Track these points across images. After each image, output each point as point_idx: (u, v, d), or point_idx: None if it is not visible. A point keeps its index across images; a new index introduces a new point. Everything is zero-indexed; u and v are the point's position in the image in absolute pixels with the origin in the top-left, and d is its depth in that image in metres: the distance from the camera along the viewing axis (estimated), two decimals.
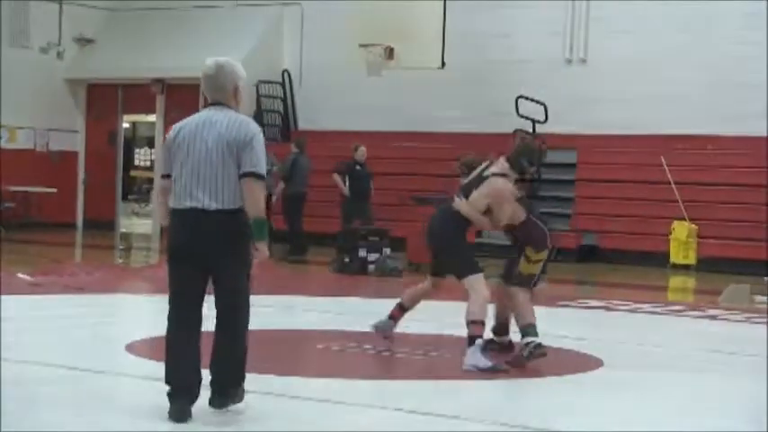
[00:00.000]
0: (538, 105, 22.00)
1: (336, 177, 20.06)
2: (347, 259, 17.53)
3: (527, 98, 22.07)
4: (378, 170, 23.97)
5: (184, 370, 6.79)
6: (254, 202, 6.65)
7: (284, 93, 26.37)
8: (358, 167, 20.05)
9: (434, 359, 9.50)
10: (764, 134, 21.39)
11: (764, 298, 15.09)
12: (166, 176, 6.88)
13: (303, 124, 26.33)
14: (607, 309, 13.98)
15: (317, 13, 25.71)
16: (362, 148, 20.28)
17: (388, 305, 10.18)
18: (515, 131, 22.05)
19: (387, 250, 17.59)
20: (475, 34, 23.99)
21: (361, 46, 22.51)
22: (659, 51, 22.57)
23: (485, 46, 24.15)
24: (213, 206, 6.66)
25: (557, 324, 12.03)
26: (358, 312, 12.49)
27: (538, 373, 8.91)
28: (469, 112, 24.27)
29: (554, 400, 8.10)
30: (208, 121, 6.80)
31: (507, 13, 24.16)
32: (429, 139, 24.58)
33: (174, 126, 6.97)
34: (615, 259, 20.74)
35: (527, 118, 21.96)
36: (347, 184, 19.85)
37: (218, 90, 6.92)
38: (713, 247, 20.18)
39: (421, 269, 18.02)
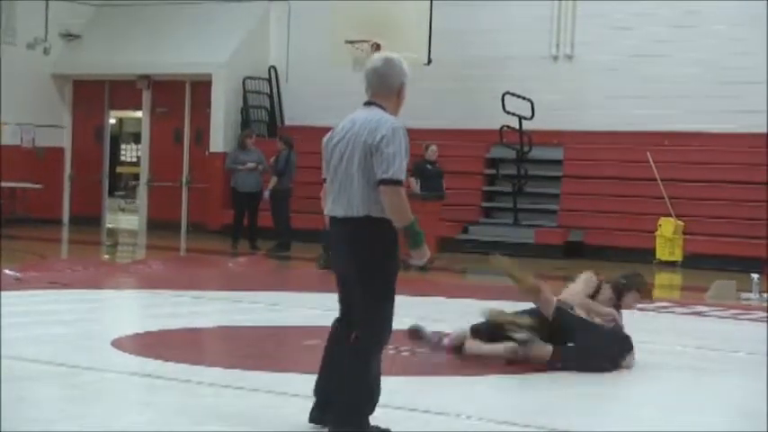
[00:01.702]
0: (524, 102, 22.02)
1: (410, 179, 19.79)
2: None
3: (514, 94, 22.10)
4: None
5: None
6: (392, 210, 6.22)
7: (271, 89, 26.35)
8: (429, 166, 19.82)
9: (422, 355, 9.50)
10: (751, 131, 21.45)
11: (751, 294, 15.14)
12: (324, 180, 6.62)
13: (290, 120, 26.32)
14: None
15: (304, 9, 25.69)
16: (433, 147, 20.03)
17: None
18: (502, 127, 22.11)
19: None
20: (462, 30, 24.00)
21: (348, 42, 22.51)
22: (646, 48, 22.60)
23: (471, 42, 24.16)
24: (341, 214, 6.36)
25: None
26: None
27: (523, 370, 8.92)
28: (456, 108, 24.28)
29: (539, 397, 8.12)
30: (349, 124, 6.47)
31: (494, 9, 24.16)
32: (415, 135, 24.53)
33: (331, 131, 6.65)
34: (601, 255, 20.77)
35: (514, 114, 21.99)
36: (418, 184, 19.61)
37: (382, 86, 6.51)
38: (699, 244, 20.23)
39: (408, 266, 18.07)
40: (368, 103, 6.52)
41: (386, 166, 6.18)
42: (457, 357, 9.25)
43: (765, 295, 15.20)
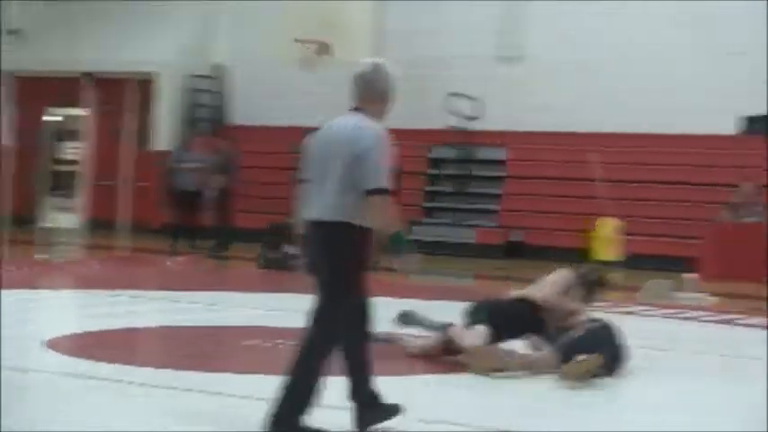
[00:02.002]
0: (469, 102, 22.13)
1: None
2: (273, 255, 17.50)
3: (458, 95, 22.20)
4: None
5: None
6: (379, 218, 6.29)
7: (216, 87, 26.30)
8: None
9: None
10: (688, 132, 21.71)
11: (685, 294, 15.32)
12: (302, 181, 6.64)
13: (236, 119, 26.28)
14: None
15: (251, 7, 25.64)
16: None
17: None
18: (447, 128, 22.21)
19: None
20: (409, 30, 24.05)
21: (296, 41, 22.50)
22: (588, 50, 22.78)
23: (418, 42, 24.21)
24: (316, 217, 6.41)
25: None
26: (285, 308, 12.52)
27: (459, 369, 8.97)
28: (402, 107, 24.06)
29: (474, 397, 8.18)
30: (332, 129, 6.50)
31: (441, 9, 24.26)
32: None
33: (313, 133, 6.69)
34: (541, 256, 20.91)
35: (459, 114, 22.09)
36: None
37: (368, 92, 6.57)
38: (638, 244, 20.39)
39: None
40: (353, 109, 6.55)
41: (372, 176, 6.25)
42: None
43: (698, 295, 15.40)
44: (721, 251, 19.13)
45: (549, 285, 9.54)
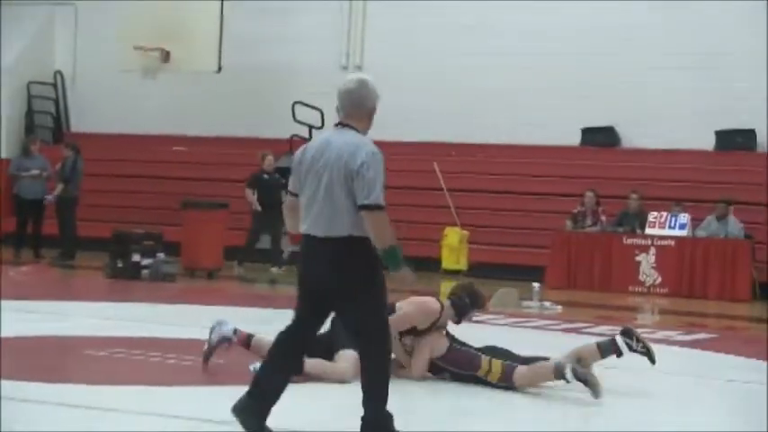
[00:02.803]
0: (315, 111, 22.10)
1: (247, 191, 19.56)
2: (120, 264, 17.20)
3: (304, 104, 22.15)
4: (154, 174, 23.75)
5: None
6: (374, 234, 6.44)
7: (57, 94, 25.77)
8: (266, 176, 19.60)
9: (209, 365, 9.40)
10: (535, 143, 22.07)
11: (531, 302, 15.52)
12: (294, 194, 6.69)
13: (77, 127, 25.79)
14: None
15: (91, 14, 25.23)
16: (270, 157, 19.83)
17: (162, 310, 10.05)
18: (292, 137, 22.13)
19: (161, 255, 17.33)
20: (253, 38, 23.95)
21: (136, 48, 22.20)
22: (433, 60, 22.98)
23: (262, 50, 24.14)
24: (321, 234, 6.50)
25: None
26: (131, 318, 12.31)
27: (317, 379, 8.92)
28: (247, 116, 24.21)
29: (335, 404, 8.11)
30: (324, 145, 6.58)
31: (285, 17, 24.22)
32: (206, 143, 24.44)
33: (303, 146, 6.74)
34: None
35: (304, 123, 22.05)
36: (255, 195, 19.40)
37: (355, 107, 6.66)
38: (484, 253, 20.61)
39: (195, 275, 17.92)
40: (341, 125, 6.65)
41: (367, 192, 6.39)
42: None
43: (546, 303, 15.62)
44: (565, 260, 19.49)
45: (418, 353, 9.04)
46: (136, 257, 17.14)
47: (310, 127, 22.05)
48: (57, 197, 19.80)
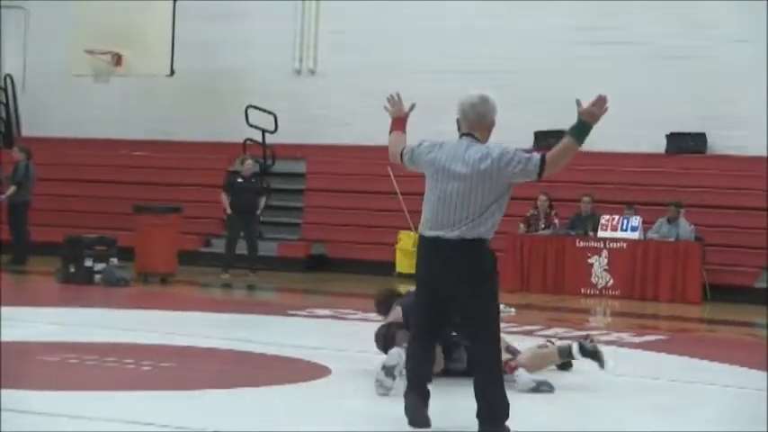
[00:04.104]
0: (268, 115, 22.09)
1: (222, 195, 19.54)
2: (72, 269, 17.10)
3: (257, 108, 22.14)
4: (107, 178, 23.65)
5: None
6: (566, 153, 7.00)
7: (6, 98, 25.59)
8: (240, 180, 19.55)
9: (162, 369, 9.39)
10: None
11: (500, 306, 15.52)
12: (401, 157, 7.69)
13: (27, 131, 25.62)
14: (336, 317, 14.12)
15: (41, 17, 25.09)
16: (249, 161, 19.79)
17: (115, 316, 10.00)
18: (245, 141, 22.10)
19: (113, 260, 17.25)
20: (205, 42, 23.92)
21: (87, 52, 22.10)
22: (386, 63, 23.00)
23: (215, 54, 24.10)
24: (455, 236, 7.02)
25: (287, 333, 12.13)
26: (84, 323, 12.24)
27: (271, 381, 8.91)
28: (200, 120, 24.16)
29: (282, 408, 8.12)
30: (460, 153, 7.15)
31: (238, 21, 24.18)
32: (159, 147, 24.34)
33: (427, 143, 7.42)
34: (344, 269, 21.00)
35: (257, 128, 22.03)
36: (229, 199, 19.38)
37: (479, 121, 7.22)
38: None
39: (149, 280, 17.85)
40: (467, 135, 7.24)
41: (528, 162, 7.10)
42: None
43: (508, 308, 15.66)
44: (519, 263, 19.58)
45: None
46: (88, 262, 17.05)
47: (263, 131, 22.03)
48: (8, 198, 19.68)
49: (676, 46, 21.50)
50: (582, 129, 6.91)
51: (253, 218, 19.71)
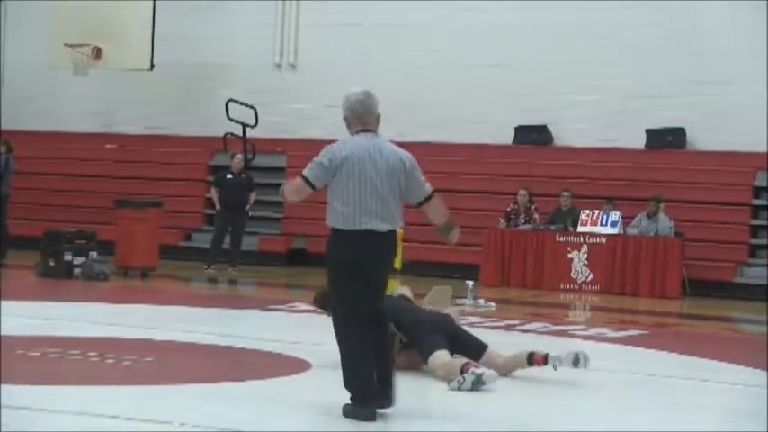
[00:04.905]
0: (248, 109, 22.06)
1: (212, 190, 19.64)
2: (52, 263, 17.06)
3: (237, 102, 22.11)
4: (87, 172, 23.60)
5: None
6: (443, 213, 7.86)
7: None
8: (229, 176, 19.57)
9: (143, 364, 9.38)
10: (464, 141, 22.17)
11: (465, 300, 15.60)
12: (311, 185, 7.71)
13: (6, 124, 25.49)
14: (316, 312, 14.06)
15: (20, 10, 24.98)
16: (239, 156, 19.83)
17: (95, 309, 9.98)
18: (226, 135, 22.07)
19: (93, 254, 17.21)
20: (185, 36, 23.87)
21: (67, 45, 22.03)
22: (365, 59, 23.00)
23: (195, 48, 24.05)
24: (388, 228, 7.46)
25: (268, 328, 12.13)
26: (63, 317, 12.22)
27: (251, 376, 8.91)
28: (180, 114, 24.12)
29: (262, 402, 8.12)
30: (376, 150, 7.47)
31: (218, 15, 24.14)
32: (139, 141, 24.30)
33: (334, 147, 7.55)
34: (325, 263, 20.95)
35: (237, 122, 21.98)
36: (218, 194, 19.45)
37: (370, 115, 7.58)
38: (418, 251, 20.66)
39: (129, 274, 17.83)
40: (367, 131, 7.57)
41: (424, 185, 7.68)
42: None
43: (480, 301, 15.72)
44: (499, 258, 19.62)
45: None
46: (68, 256, 17.02)
47: (244, 125, 22.00)
48: None
49: (656, 41, 21.55)
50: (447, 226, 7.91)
51: (241, 213, 19.76)
